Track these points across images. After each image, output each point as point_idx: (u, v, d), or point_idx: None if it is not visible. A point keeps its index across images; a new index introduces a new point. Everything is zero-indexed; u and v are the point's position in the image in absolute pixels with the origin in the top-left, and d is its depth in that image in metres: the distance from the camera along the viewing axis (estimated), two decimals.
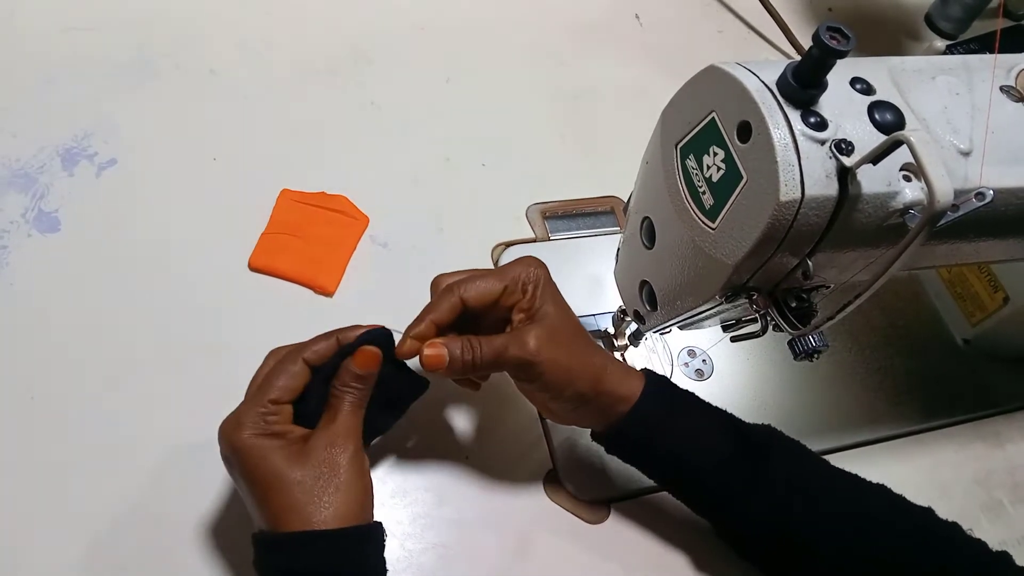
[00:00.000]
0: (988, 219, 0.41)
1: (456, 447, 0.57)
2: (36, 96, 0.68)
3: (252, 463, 0.42)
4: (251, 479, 0.42)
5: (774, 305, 0.43)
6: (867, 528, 0.48)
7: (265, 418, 0.43)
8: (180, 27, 0.75)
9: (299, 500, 0.41)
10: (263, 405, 0.44)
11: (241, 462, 0.43)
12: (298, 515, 0.41)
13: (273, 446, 0.43)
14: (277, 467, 0.42)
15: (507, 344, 0.46)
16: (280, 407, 0.44)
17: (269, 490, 0.42)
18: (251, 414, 0.43)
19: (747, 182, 0.38)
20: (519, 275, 0.48)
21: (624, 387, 0.49)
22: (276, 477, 0.42)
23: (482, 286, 0.47)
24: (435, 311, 0.47)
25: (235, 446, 0.43)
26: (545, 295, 0.48)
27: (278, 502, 0.41)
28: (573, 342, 0.48)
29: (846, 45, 0.35)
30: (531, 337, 0.46)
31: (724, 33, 0.89)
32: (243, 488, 0.44)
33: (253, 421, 0.43)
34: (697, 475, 0.50)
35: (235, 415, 0.44)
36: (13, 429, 0.53)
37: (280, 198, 0.65)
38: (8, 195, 0.62)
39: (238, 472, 0.43)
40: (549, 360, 0.46)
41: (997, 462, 0.64)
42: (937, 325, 0.71)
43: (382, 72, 0.77)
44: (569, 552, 0.54)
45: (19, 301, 0.58)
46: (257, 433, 0.43)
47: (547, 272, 0.49)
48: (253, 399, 0.44)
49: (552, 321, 0.47)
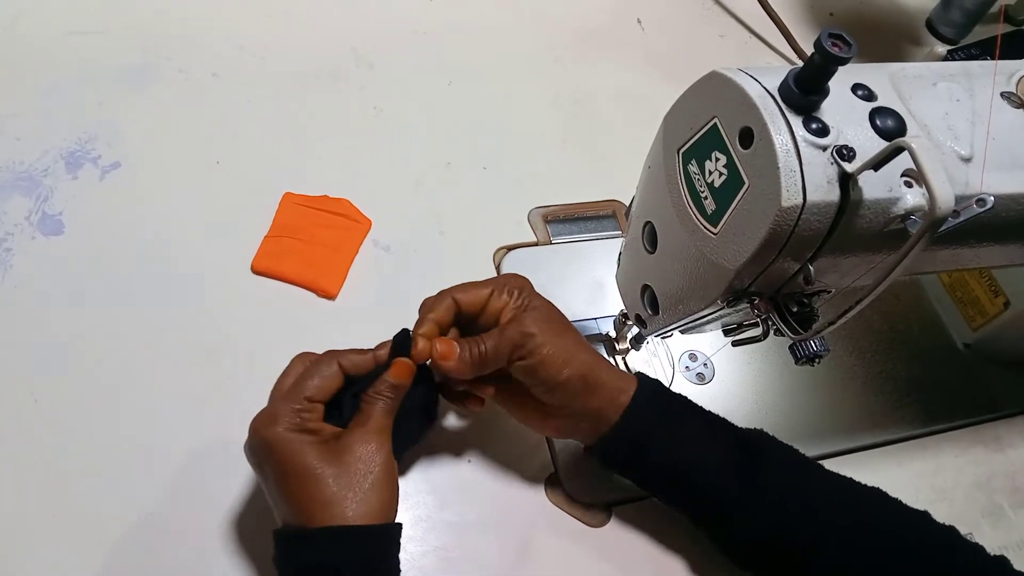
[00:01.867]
0: (989, 225, 0.42)
1: (458, 450, 0.57)
2: (40, 99, 0.68)
3: (286, 457, 0.43)
4: (284, 473, 0.43)
5: (775, 310, 0.44)
6: (863, 533, 0.47)
7: (300, 414, 0.44)
8: (183, 31, 0.75)
9: (331, 495, 0.42)
10: (299, 402, 0.45)
11: (275, 456, 0.43)
12: (329, 510, 0.42)
13: (307, 440, 0.43)
14: (311, 462, 0.43)
15: (504, 328, 0.48)
16: (314, 405, 0.45)
17: (302, 484, 0.42)
18: (286, 410, 0.44)
19: (749, 187, 0.39)
20: (504, 282, 0.51)
21: (618, 381, 0.49)
22: (310, 471, 0.42)
23: (471, 288, 0.50)
24: (433, 311, 0.49)
25: (269, 440, 0.43)
26: (532, 295, 0.51)
27: (310, 496, 0.42)
28: (566, 331, 0.50)
29: (848, 52, 0.35)
30: (527, 318, 0.48)
31: (726, 38, 0.90)
32: (272, 483, 0.44)
33: (288, 416, 0.44)
34: (693, 479, 0.50)
35: (270, 410, 0.45)
36: (16, 432, 0.53)
37: (283, 201, 0.66)
38: (12, 198, 0.62)
39: (270, 466, 0.44)
40: (545, 335, 0.48)
41: (998, 466, 0.64)
42: (938, 329, 0.71)
43: (384, 76, 0.77)
44: (570, 555, 0.54)
45: (23, 303, 0.58)
46: (292, 428, 0.44)
47: (530, 283, 0.52)
48: (288, 396, 0.45)
49: (543, 311, 0.49)
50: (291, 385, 0.46)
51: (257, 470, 0.46)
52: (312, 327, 0.60)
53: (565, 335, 0.49)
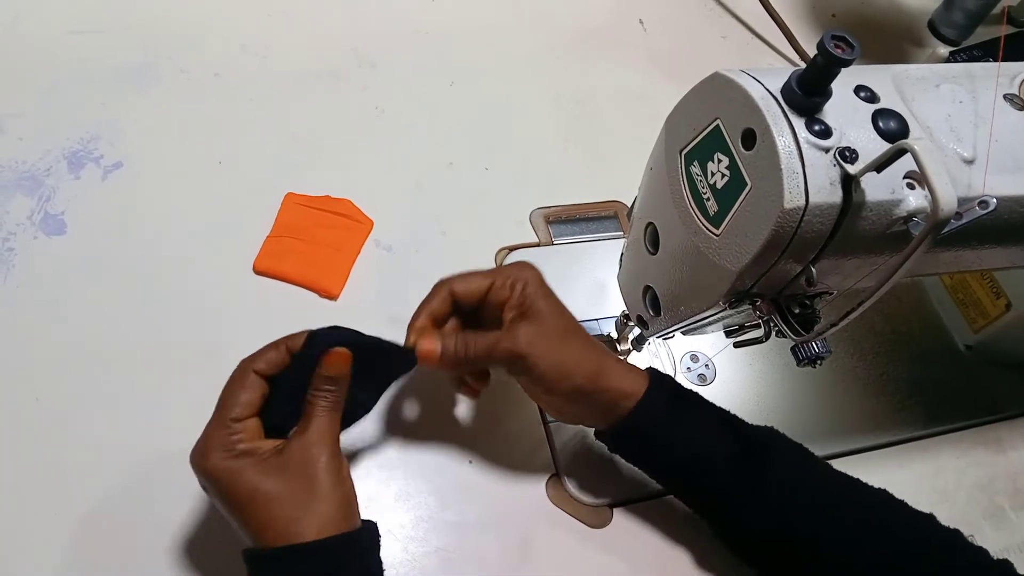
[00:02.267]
0: (991, 227, 0.42)
1: (459, 451, 0.57)
2: (42, 99, 0.68)
3: (226, 486, 0.41)
4: (228, 501, 0.42)
5: (777, 311, 0.44)
6: (868, 533, 0.48)
7: (230, 438, 0.42)
8: (185, 31, 0.75)
9: (278, 515, 0.41)
10: (225, 426, 0.43)
11: (216, 487, 0.42)
12: (279, 531, 0.41)
13: (244, 465, 0.42)
14: (252, 485, 0.41)
15: (499, 338, 0.48)
16: (244, 424, 0.43)
17: (247, 509, 0.41)
18: (216, 437, 0.43)
19: (751, 189, 0.39)
20: (508, 274, 0.50)
21: (627, 383, 0.49)
22: (252, 495, 0.41)
23: (470, 279, 0.50)
24: (429, 304, 0.50)
25: (207, 472, 0.42)
26: (537, 294, 0.49)
27: (258, 519, 0.41)
28: (567, 338, 0.49)
29: (851, 54, 0.35)
30: (521, 332, 0.47)
31: (728, 39, 0.90)
32: (224, 511, 0.43)
33: (220, 444, 0.42)
34: (700, 473, 0.50)
35: (201, 442, 0.43)
36: (18, 431, 0.53)
37: (285, 201, 0.66)
38: (15, 198, 0.62)
39: (216, 496, 0.43)
40: (540, 354, 0.47)
41: (999, 468, 0.64)
42: (939, 331, 0.71)
43: (386, 76, 0.77)
44: (572, 555, 0.54)
45: (25, 303, 0.58)
46: (226, 456, 0.42)
47: (539, 274, 0.51)
48: (214, 422, 0.43)
49: (544, 317, 0.48)
50: (215, 410, 0.44)
51: (212, 500, 0.44)
52: (313, 327, 0.60)
53: (565, 344, 0.48)
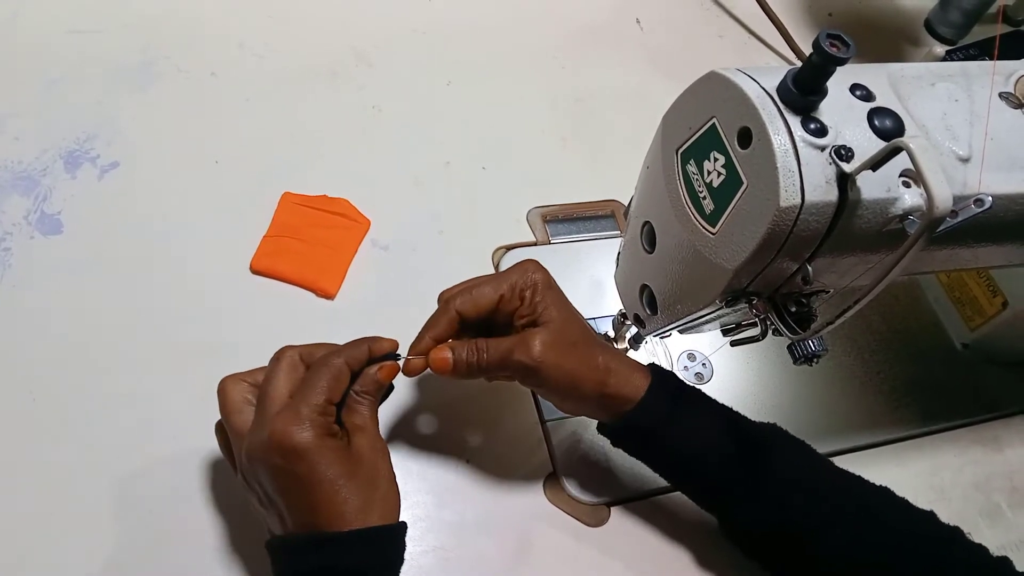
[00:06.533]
0: (987, 225, 0.42)
1: (456, 450, 0.57)
2: (39, 99, 0.68)
3: (311, 463, 0.41)
4: (303, 479, 0.42)
5: (774, 310, 0.44)
6: (870, 528, 0.48)
7: (323, 419, 0.43)
8: (182, 30, 0.75)
9: (352, 501, 0.42)
10: (322, 404, 0.43)
11: (305, 463, 0.41)
12: (349, 516, 0.42)
13: (333, 446, 0.43)
14: (336, 467, 0.42)
15: (512, 349, 0.47)
16: (333, 408, 0.44)
17: (321, 489, 0.42)
18: (308, 416, 0.42)
19: (747, 188, 0.39)
20: (516, 282, 0.49)
21: (629, 387, 0.49)
22: (333, 477, 0.42)
23: (477, 297, 0.49)
24: (433, 327, 0.49)
25: (294, 446, 0.41)
26: (547, 299, 0.49)
27: (331, 502, 0.42)
28: (577, 346, 0.48)
29: (846, 52, 0.35)
30: (536, 343, 0.47)
31: (724, 38, 0.90)
32: (282, 489, 0.42)
33: (313, 422, 0.42)
34: (701, 469, 0.50)
35: (295, 415, 0.42)
36: (14, 430, 0.53)
37: (282, 201, 0.66)
38: (11, 197, 0.62)
39: (282, 474, 0.42)
40: (553, 365, 0.47)
41: (996, 466, 0.64)
42: (936, 329, 0.71)
43: (383, 75, 0.77)
44: (569, 554, 0.54)
45: (22, 303, 0.58)
46: (320, 433, 0.42)
47: (547, 275, 0.50)
48: (305, 400, 0.43)
49: (556, 326, 0.48)
50: (308, 386, 0.44)
51: (268, 475, 0.42)
52: (311, 327, 0.60)
53: (576, 349, 0.48)
